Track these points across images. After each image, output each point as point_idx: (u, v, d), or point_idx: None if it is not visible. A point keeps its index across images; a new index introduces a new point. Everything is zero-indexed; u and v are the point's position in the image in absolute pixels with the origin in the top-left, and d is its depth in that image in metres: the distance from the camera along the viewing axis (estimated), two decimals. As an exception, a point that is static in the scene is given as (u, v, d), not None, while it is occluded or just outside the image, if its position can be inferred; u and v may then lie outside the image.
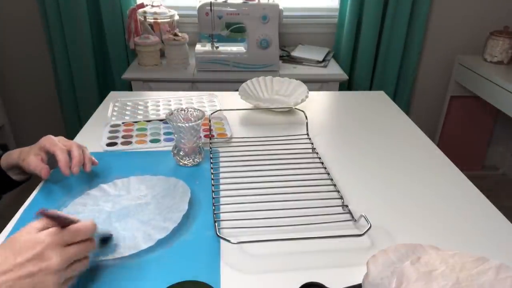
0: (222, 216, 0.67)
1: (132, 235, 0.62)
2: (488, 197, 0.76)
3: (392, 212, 0.71)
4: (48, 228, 0.50)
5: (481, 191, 0.78)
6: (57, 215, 0.50)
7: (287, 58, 1.83)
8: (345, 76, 1.71)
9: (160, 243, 0.61)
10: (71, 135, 0.89)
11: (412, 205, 0.73)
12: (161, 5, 1.79)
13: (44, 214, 0.49)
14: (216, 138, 0.93)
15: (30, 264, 0.46)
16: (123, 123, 1.01)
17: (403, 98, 2.05)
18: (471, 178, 0.81)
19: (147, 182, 0.76)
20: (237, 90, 1.12)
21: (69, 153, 0.72)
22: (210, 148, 0.87)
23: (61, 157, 0.71)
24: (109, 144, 0.90)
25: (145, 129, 0.98)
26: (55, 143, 0.72)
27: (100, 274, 0.56)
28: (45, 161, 0.73)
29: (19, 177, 0.79)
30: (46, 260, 0.47)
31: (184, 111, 0.81)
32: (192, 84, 1.66)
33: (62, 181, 0.76)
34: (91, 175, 0.78)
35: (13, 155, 0.75)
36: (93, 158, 0.76)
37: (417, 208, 0.73)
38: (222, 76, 1.65)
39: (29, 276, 0.46)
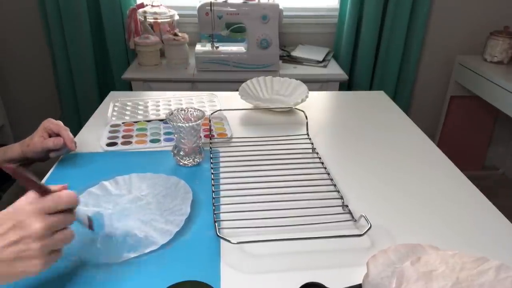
0: (222, 216, 0.67)
1: (134, 238, 0.62)
2: (488, 197, 0.76)
3: (392, 212, 0.71)
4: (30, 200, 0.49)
5: (481, 191, 0.78)
6: (26, 176, 0.48)
7: (287, 58, 1.83)
8: (345, 76, 1.71)
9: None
10: (71, 135, 0.89)
11: (412, 205, 0.73)
12: (161, 5, 1.79)
13: (12, 170, 0.47)
14: (216, 138, 0.93)
15: (11, 232, 0.46)
16: (123, 123, 1.01)
17: (403, 98, 2.05)
18: (471, 178, 0.81)
19: (148, 180, 0.76)
20: (237, 90, 1.12)
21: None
22: (210, 148, 0.87)
23: (66, 134, 0.80)
24: (109, 144, 0.90)
25: (145, 129, 0.98)
26: (58, 122, 0.82)
27: (100, 274, 0.56)
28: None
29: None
30: (27, 227, 0.46)
31: (184, 111, 0.81)
32: (192, 84, 1.66)
33: (62, 180, 0.76)
34: (91, 174, 0.78)
35: (13, 148, 0.81)
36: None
37: (417, 208, 0.73)
38: (222, 76, 1.64)
39: (12, 244, 0.45)
